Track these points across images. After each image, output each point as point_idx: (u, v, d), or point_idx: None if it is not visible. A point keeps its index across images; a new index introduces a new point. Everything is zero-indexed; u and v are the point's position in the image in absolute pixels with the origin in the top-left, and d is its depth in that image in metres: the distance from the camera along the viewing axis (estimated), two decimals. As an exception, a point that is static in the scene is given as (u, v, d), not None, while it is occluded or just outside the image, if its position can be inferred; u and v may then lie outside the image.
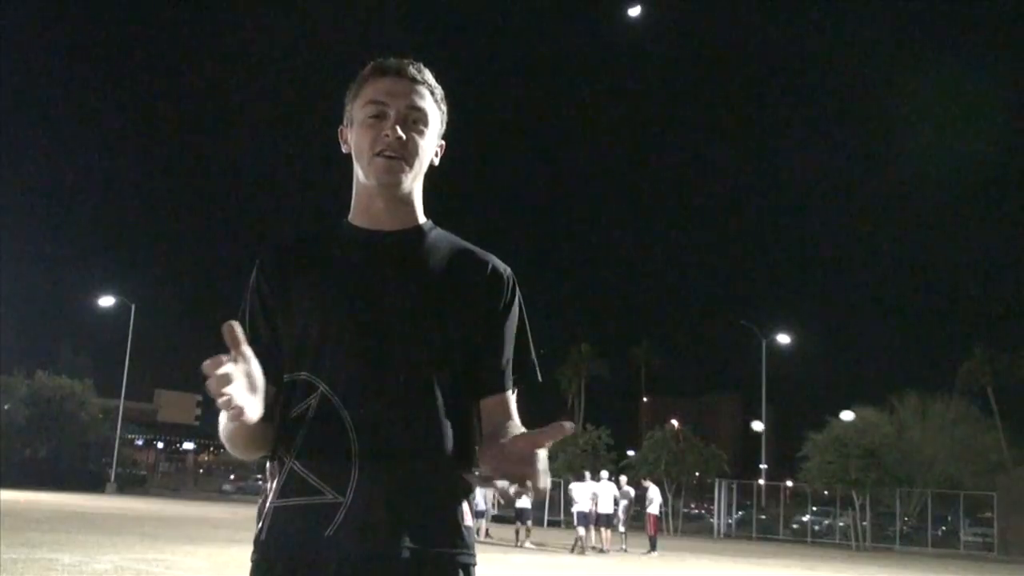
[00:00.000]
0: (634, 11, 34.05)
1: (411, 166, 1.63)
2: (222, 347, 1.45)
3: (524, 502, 20.83)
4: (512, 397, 1.66)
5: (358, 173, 1.67)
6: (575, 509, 20.93)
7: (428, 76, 1.68)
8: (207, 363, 1.30)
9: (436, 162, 1.72)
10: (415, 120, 1.64)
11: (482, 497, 20.75)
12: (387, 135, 1.61)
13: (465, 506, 1.59)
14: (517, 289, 1.69)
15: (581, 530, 20.49)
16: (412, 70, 1.66)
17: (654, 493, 22.78)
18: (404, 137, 1.61)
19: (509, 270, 1.68)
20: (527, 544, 20.54)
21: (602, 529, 21.32)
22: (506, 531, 21.24)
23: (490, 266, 1.67)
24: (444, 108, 1.71)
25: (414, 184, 1.67)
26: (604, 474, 22.44)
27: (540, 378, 1.70)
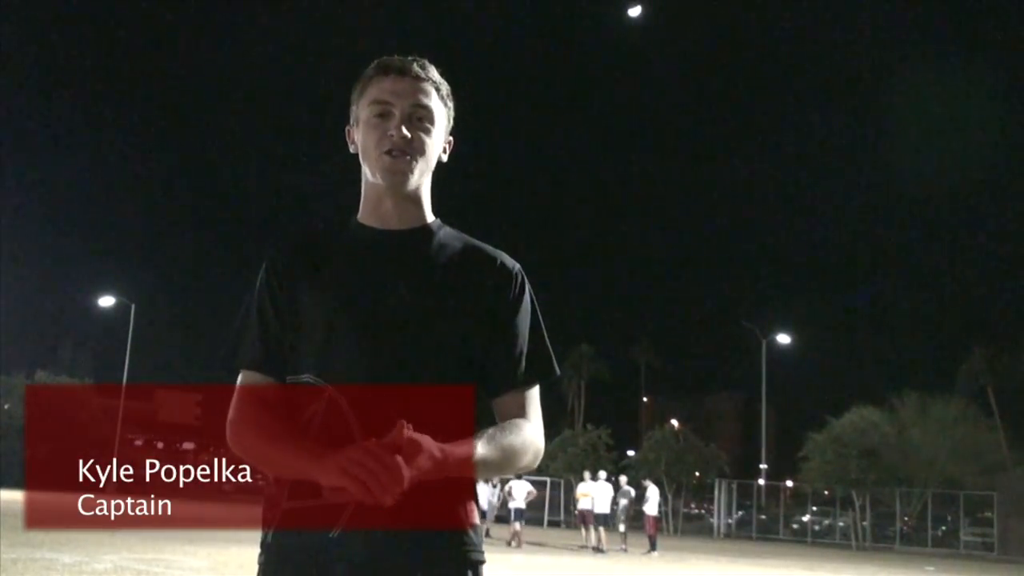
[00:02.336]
0: (634, 11, 34.03)
1: (417, 164, 1.62)
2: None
3: (518, 503, 21.01)
4: (530, 393, 1.64)
5: (366, 172, 1.67)
6: (512, 505, 21.27)
7: (433, 73, 1.66)
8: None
9: (445, 158, 1.71)
10: (420, 118, 1.63)
11: (486, 497, 20.88)
12: (392, 134, 1.60)
13: (471, 504, 1.58)
14: (527, 284, 1.67)
15: (517, 525, 20.82)
16: (416, 68, 1.64)
17: (652, 493, 22.78)
18: (409, 136, 1.60)
19: (518, 265, 1.67)
20: (513, 543, 20.60)
21: (600, 529, 21.39)
22: (506, 531, 21.25)
23: (498, 262, 1.65)
24: (451, 104, 1.70)
25: (422, 181, 1.66)
26: (602, 474, 22.52)
27: (558, 371, 1.67)
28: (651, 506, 22.37)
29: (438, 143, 1.67)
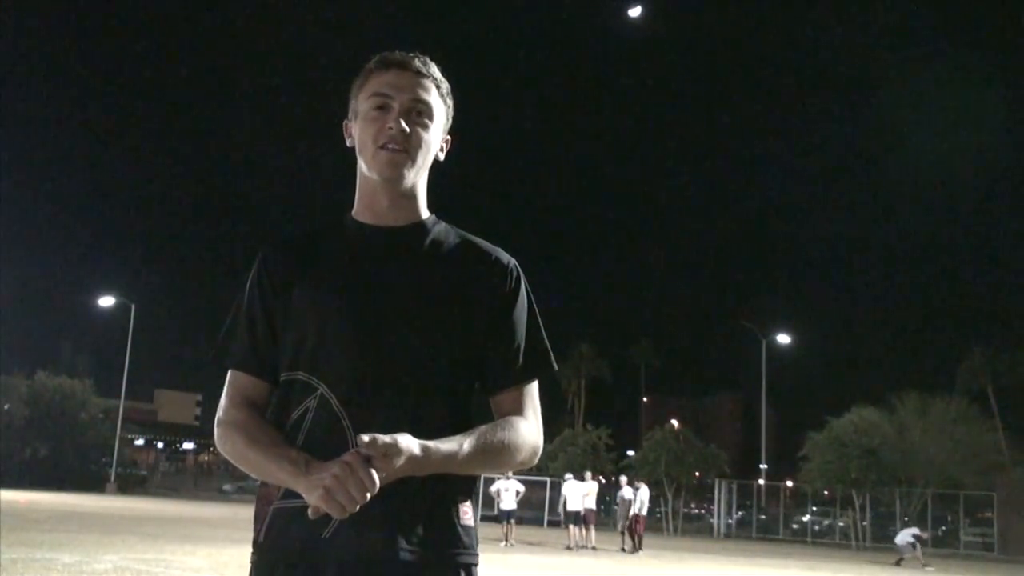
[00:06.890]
0: (634, 11, 34.03)
1: (414, 160, 1.60)
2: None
3: (508, 503, 21.08)
4: (528, 389, 1.63)
5: (362, 167, 1.65)
6: (502, 506, 21.46)
7: (434, 70, 1.65)
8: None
9: (441, 157, 1.69)
10: (419, 112, 1.61)
11: (511, 496, 21.01)
12: (391, 127, 1.58)
13: (466, 506, 1.56)
14: (522, 278, 1.66)
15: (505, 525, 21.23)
16: (417, 63, 1.63)
17: (642, 493, 22.84)
18: (408, 130, 1.59)
19: (514, 260, 1.65)
20: (513, 543, 20.59)
21: (580, 527, 21.53)
22: (497, 530, 21.26)
23: (493, 257, 1.64)
24: (450, 102, 1.68)
25: (417, 178, 1.64)
26: (568, 476, 22.82)
27: (555, 366, 1.66)
28: (640, 507, 22.43)
29: (436, 140, 1.65)
